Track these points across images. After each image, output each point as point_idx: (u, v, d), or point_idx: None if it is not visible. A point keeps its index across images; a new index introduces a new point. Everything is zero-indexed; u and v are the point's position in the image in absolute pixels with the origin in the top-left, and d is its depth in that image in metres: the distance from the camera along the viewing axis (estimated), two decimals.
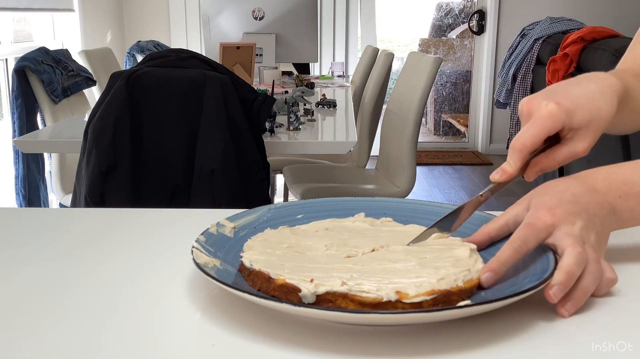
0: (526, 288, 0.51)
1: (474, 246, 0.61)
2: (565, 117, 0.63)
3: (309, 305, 0.53)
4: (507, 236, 0.61)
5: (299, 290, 0.53)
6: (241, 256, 0.61)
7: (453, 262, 0.58)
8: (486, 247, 0.63)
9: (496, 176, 0.63)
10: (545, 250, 0.57)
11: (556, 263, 0.55)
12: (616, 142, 2.68)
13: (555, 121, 0.62)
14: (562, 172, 3.32)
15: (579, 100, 0.64)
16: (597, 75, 0.67)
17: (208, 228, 0.66)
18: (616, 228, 0.62)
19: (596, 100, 0.64)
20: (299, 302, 0.53)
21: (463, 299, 0.54)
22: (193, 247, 0.61)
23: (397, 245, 0.63)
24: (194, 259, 0.58)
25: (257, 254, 0.61)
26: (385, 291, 0.52)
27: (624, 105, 0.70)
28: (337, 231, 0.68)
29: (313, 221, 0.71)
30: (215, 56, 2.62)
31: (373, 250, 0.62)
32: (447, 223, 0.65)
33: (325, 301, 0.53)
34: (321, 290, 0.53)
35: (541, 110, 0.63)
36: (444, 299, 0.53)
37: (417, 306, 0.52)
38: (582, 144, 0.64)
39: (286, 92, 2.69)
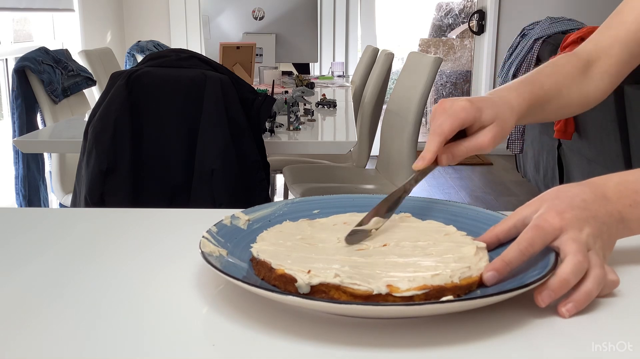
0: (515, 287, 0.52)
1: (483, 245, 0.61)
2: (476, 112, 0.71)
3: (302, 295, 0.54)
4: (515, 238, 0.61)
5: (296, 280, 0.55)
6: (251, 246, 0.62)
7: (457, 259, 0.58)
8: (494, 248, 0.63)
9: (418, 164, 0.70)
10: (548, 251, 0.58)
11: (556, 265, 0.56)
12: (616, 141, 2.68)
13: (468, 113, 0.70)
14: (561, 171, 3.32)
15: (486, 102, 0.73)
16: (501, 95, 0.77)
17: (222, 220, 0.67)
18: (624, 236, 0.62)
19: (499, 105, 0.74)
20: (296, 292, 0.55)
21: (459, 296, 0.54)
22: (203, 236, 0.62)
23: (408, 241, 0.64)
24: (200, 247, 0.59)
25: (266, 245, 0.62)
26: (376, 284, 0.53)
27: (544, 107, 0.81)
28: (354, 225, 0.69)
29: (330, 216, 0.72)
30: (215, 56, 2.62)
31: (384, 245, 0.63)
32: (387, 212, 0.69)
33: (319, 292, 0.54)
34: (315, 281, 0.54)
35: (455, 105, 0.71)
36: (436, 295, 0.53)
37: (409, 300, 0.52)
38: (485, 137, 0.72)
39: (286, 92, 2.69)
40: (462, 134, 0.73)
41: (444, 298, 0.53)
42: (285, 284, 0.56)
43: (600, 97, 0.88)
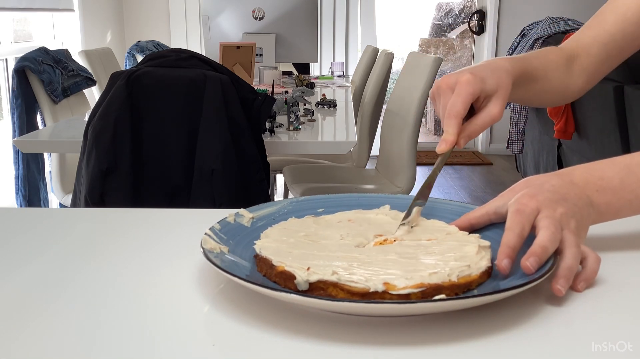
0: (511, 287, 0.52)
1: (487, 244, 0.62)
2: (481, 83, 0.72)
3: (300, 293, 0.54)
4: (487, 224, 0.67)
5: (295, 277, 0.55)
6: (255, 243, 0.63)
7: (458, 258, 0.58)
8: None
9: (442, 147, 0.71)
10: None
11: (554, 264, 0.56)
12: (616, 141, 2.68)
13: (474, 86, 0.71)
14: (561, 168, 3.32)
15: (485, 71, 0.74)
16: (493, 61, 0.79)
17: (226, 217, 0.68)
18: (595, 221, 0.65)
19: (497, 72, 0.75)
20: (295, 289, 0.55)
21: (457, 295, 0.54)
22: (205, 233, 0.62)
23: (411, 239, 0.64)
24: (201, 244, 0.60)
25: (269, 241, 0.63)
26: (373, 281, 0.53)
27: (530, 84, 0.83)
28: (358, 222, 0.69)
29: (335, 213, 0.73)
30: (215, 56, 2.62)
31: (385, 240, 0.63)
32: (422, 199, 0.71)
33: (317, 288, 0.55)
34: (313, 278, 0.55)
35: (460, 80, 0.72)
36: (433, 293, 0.53)
37: (405, 298, 0.53)
38: (496, 107, 0.73)
39: (286, 92, 2.69)
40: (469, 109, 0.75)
41: (437, 297, 0.53)
42: (285, 281, 0.56)
43: (577, 93, 0.92)
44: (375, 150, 2.85)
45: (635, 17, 0.87)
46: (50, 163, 2.57)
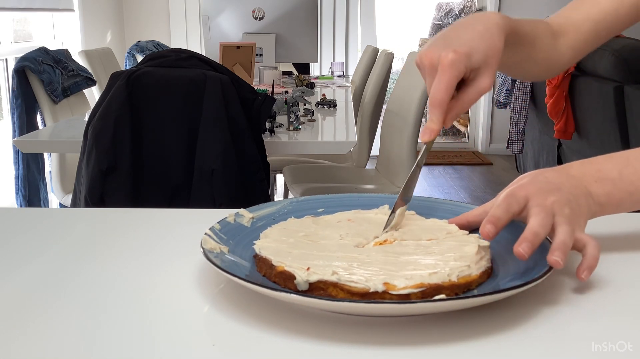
0: (511, 287, 0.52)
1: (487, 244, 0.62)
2: (466, 60, 0.66)
3: (300, 293, 0.54)
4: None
5: (295, 277, 0.55)
6: (254, 243, 0.63)
7: (457, 258, 0.58)
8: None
9: (426, 136, 0.67)
10: (543, 256, 0.58)
11: (552, 267, 0.56)
12: (616, 141, 2.68)
13: (458, 67, 0.66)
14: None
15: (472, 42, 0.68)
16: (484, 15, 0.72)
17: (225, 217, 0.68)
18: (596, 213, 0.64)
19: (487, 38, 0.69)
20: (295, 289, 0.55)
21: (457, 294, 0.54)
22: (205, 233, 0.62)
23: (411, 239, 0.64)
24: (201, 244, 0.60)
25: (269, 241, 0.63)
26: (373, 281, 0.53)
27: (518, 48, 0.78)
28: (358, 222, 0.69)
29: (335, 213, 0.73)
30: (215, 56, 2.62)
31: (385, 241, 0.63)
32: (406, 196, 0.69)
33: (317, 289, 0.55)
34: (313, 278, 0.55)
35: (442, 61, 0.66)
36: (433, 293, 0.53)
37: (405, 298, 0.53)
38: (485, 80, 0.68)
39: (286, 92, 2.69)
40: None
41: (437, 296, 0.53)
42: (285, 281, 0.56)
43: (559, 69, 0.90)
44: (375, 150, 2.85)
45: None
46: (50, 163, 2.57)
